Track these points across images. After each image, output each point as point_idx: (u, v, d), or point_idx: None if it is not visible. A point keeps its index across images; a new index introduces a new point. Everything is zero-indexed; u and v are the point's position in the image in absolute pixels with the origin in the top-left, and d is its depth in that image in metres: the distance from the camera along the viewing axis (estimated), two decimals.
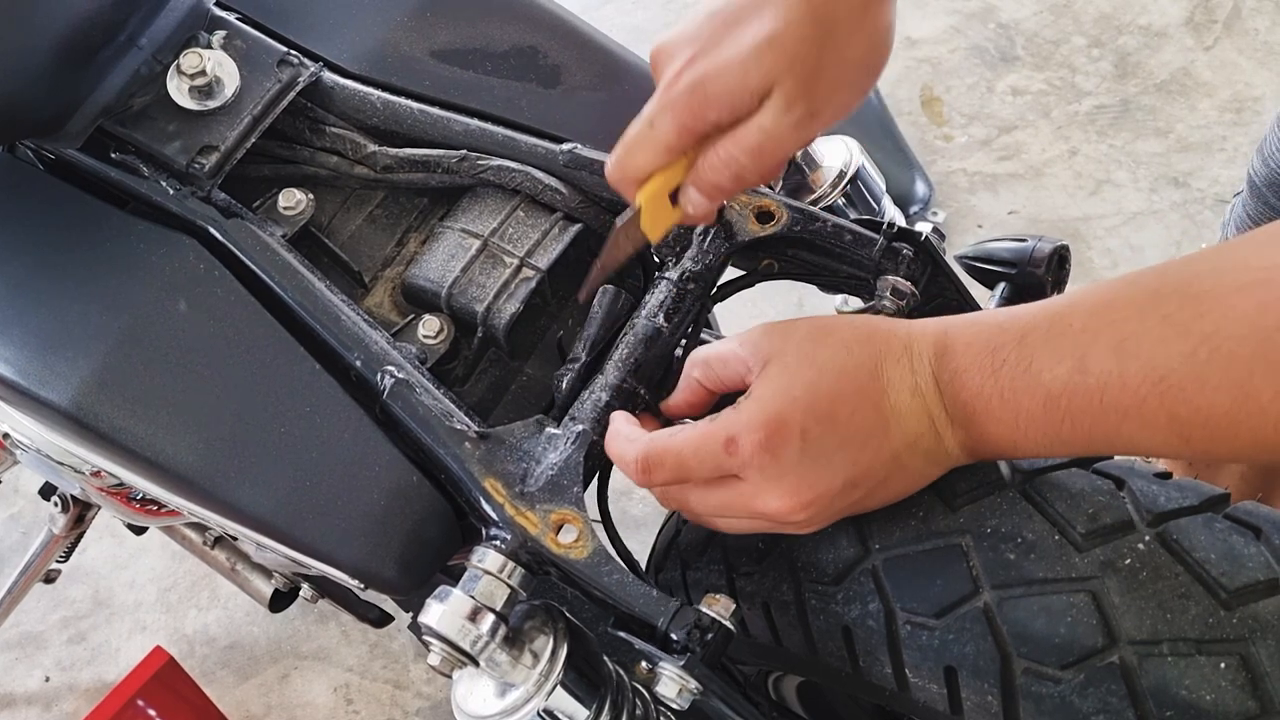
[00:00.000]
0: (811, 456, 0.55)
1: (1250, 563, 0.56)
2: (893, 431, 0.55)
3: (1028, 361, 0.52)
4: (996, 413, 0.53)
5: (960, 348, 0.54)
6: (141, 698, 1.24)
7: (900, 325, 0.57)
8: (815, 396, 0.55)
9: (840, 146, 0.84)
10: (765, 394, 0.56)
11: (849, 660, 0.63)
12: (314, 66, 0.76)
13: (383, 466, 0.65)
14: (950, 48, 2.05)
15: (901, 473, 0.57)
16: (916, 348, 0.55)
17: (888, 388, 0.55)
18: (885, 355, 0.56)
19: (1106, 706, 0.54)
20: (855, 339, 0.56)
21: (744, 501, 0.57)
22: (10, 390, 0.66)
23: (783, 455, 0.55)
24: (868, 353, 0.56)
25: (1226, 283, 0.47)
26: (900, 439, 0.55)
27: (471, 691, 0.59)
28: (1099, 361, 0.49)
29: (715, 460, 0.56)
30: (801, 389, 0.55)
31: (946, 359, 0.54)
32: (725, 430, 0.56)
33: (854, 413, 0.55)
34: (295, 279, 0.68)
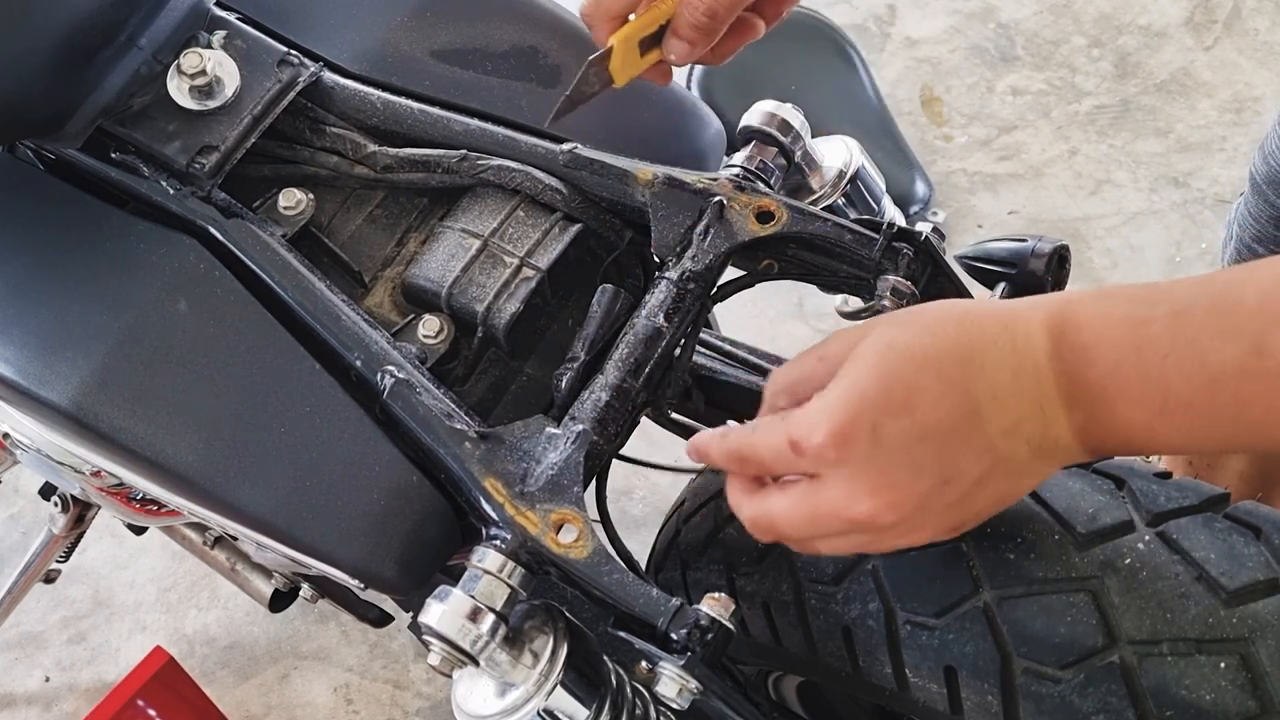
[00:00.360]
0: (888, 451, 0.50)
1: (1250, 562, 0.56)
2: (987, 418, 0.49)
3: (1188, 339, 0.46)
4: (1135, 393, 0.47)
5: (1087, 320, 0.48)
6: (141, 698, 1.24)
7: (999, 305, 0.52)
8: (889, 387, 0.50)
9: (840, 146, 0.84)
10: (835, 390, 0.51)
11: (849, 660, 0.63)
12: (314, 66, 0.76)
13: (383, 466, 0.65)
14: (950, 48, 2.05)
15: (1003, 467, 0.51)
16: (1021, 325, 0.50)
17: (982, 370, 0.49)
18: (977, 335, 0.50)
19: (1106, 706, 0.55)
20: (939, 321, 0.51)
21: (830, 509, 0.52)
22: (10, 390, 0.66)
23: (853, 452, 0.50)
24: (957, 334, 0.50)
25: None
26: (997, 426, 0.50)
27: (471, 691, 0.59)
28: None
29: (786, 460, 0.53)
30: (873, 381, 0.50)
31: (1068, 334, 0.49)
32: (790, 430, 0.52)
33: (936, 402, 0.49)
34: (295, 279, 0.68)
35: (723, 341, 0.90)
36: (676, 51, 0.64)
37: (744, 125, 0.78)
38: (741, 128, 0.78)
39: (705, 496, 0.75)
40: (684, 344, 0.71)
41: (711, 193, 0.71)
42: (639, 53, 0.66)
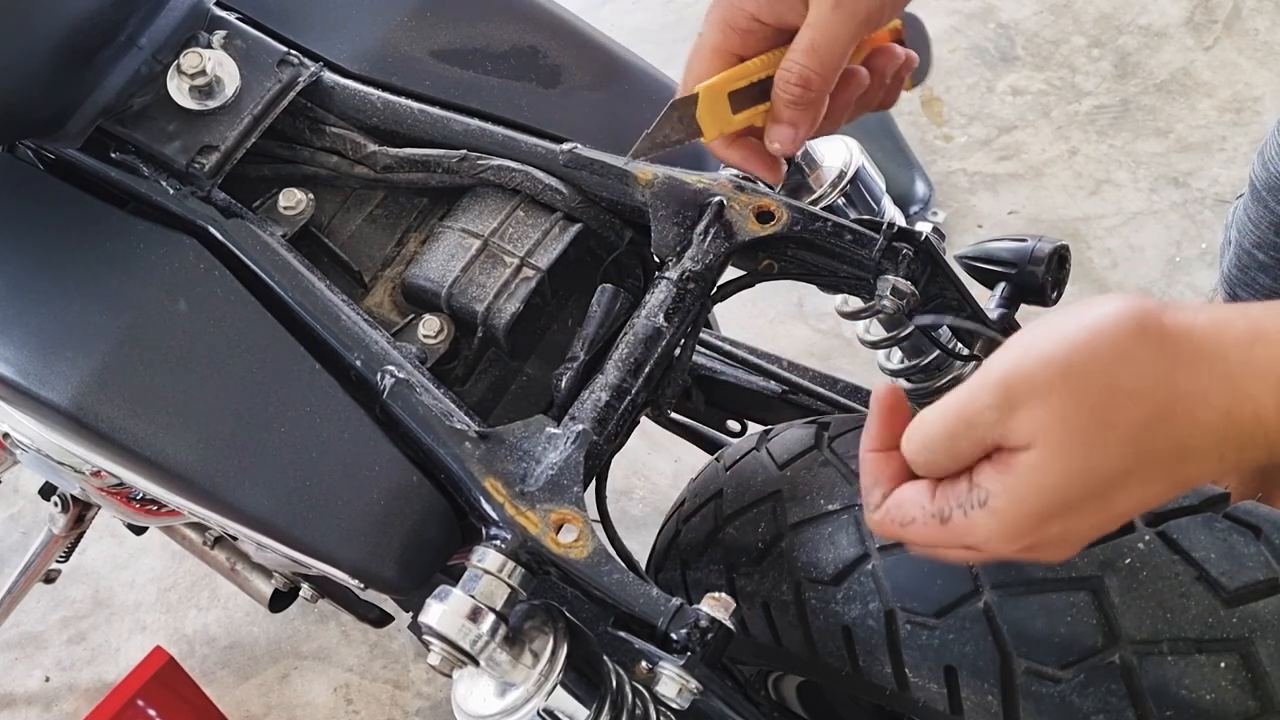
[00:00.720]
0: (1073, 539, 0.46)
1: (1250, 562, 0.56)
2: (1192, 474, 0.44)
3: None
4: None
5: None
6: (141, 698, 1.24)
7: (1216, 369, 0.42)
8: (1068, 494, 0.44)
9: (840, 146, 0.84)
10: (1010, 513, 0.45)
11: (849, 660, 0.63)
12: (314, 66, 0.76)
13: (383, 466, 0.65)
14: (950, 48, 2.05)
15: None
16: (1248, 407, 0.42)
17: (1195, 456, 0.43)
18: (1194, 431, 0.43)
19: (1106, 706, 0.55)
20: (1150, 422, 0.43)
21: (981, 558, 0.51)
22: (10, 390, 0.66)
23: (1034, 553, 0.47)
24: (1170, 442, 0.43)
25: None
26: (1203, 475, 0.44)
27: (471, 691, 0.59)
28: None
29: (962, 551, 0.49)
30: (1060, 506, 0.44)
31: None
32: (966, 537, 0.47)
33: (1130, 492, 0.44)
34: (295, 279, 0.68)
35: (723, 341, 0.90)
36: (780, 139, 0.60)
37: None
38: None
39: (705, 496, 0.75)
40: (684, 344, 0.70)
41: (711, 193, 0.71)
42: (729, 106, 0.62)
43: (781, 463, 0.71)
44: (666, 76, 0.79)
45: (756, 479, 0.72)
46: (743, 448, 0.77)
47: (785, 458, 0.71)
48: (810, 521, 0.66)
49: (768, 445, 0.74)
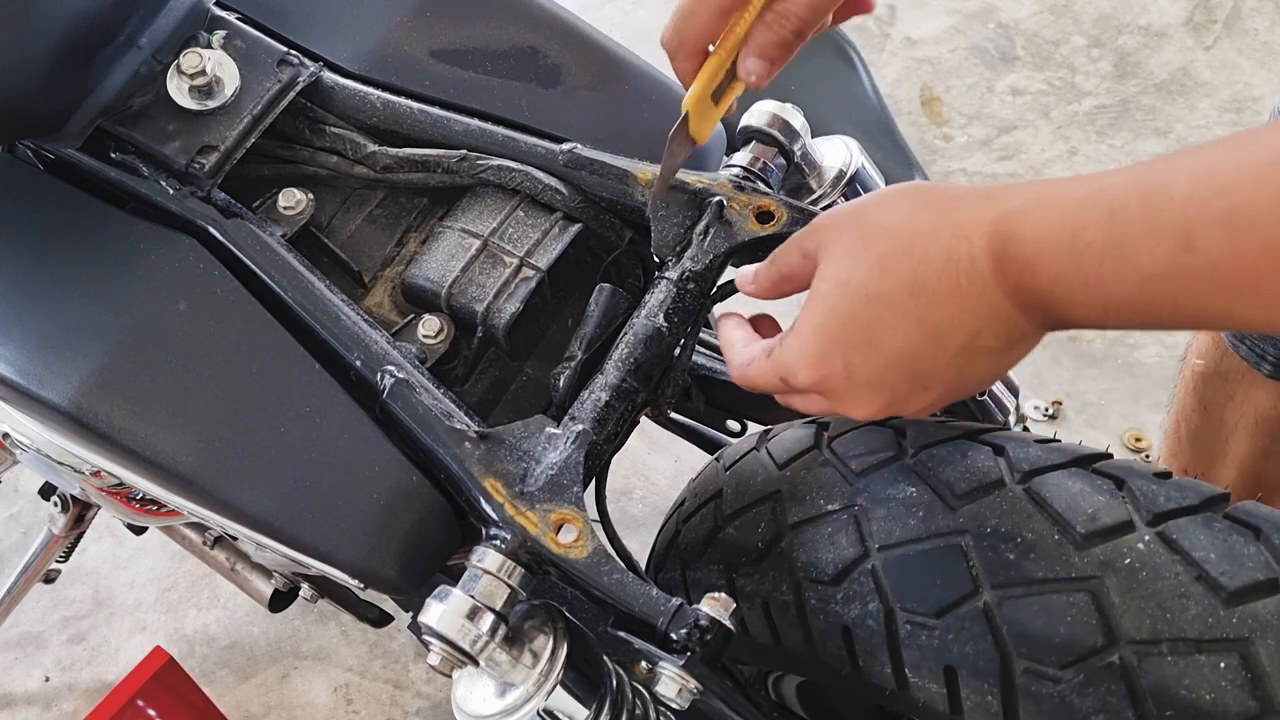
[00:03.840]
0: (864, 380, 0.55)
1: (1250, 562, 0.56)
2: (947, 337, 0.53)
3: (1119, 244, 0.46)
4: (1079, 298, 0.49)
5: (1028, 233, 0.49)
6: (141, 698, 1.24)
7: (947, 216, 0.52)
8: (850, 329, 0.54)
9: (840, 146, 0.84)
10: (805, 331, 0.56)
11: (849, 660, 0.63)
12: (314, 66, 0.76)
13: (383, 466, 0.65)
14: (950, 48, 2.05)
15: (978, 359, 0.54)
16: (964, 247, 0.51)
17: (932, 301, 0.52)
18: (925, 264, 0.52)
19: (1106, 706, 0.55)
20: (892, 253, 0.53)
21: (831, 411, 0.59)
22: (10, 390, 0.66)
23: (834, 385, 0.56)
24: (905, 267, 0.53)
25: None
26: (959, 339, 0.53)
27: (471, 691, 0.59)
28: (1208, 237, 0.43)
29: (782, 390, 0.60)
30: (836, 324, 0.55)
31: (1010, 248, 0.50)
32: (777, 370, 0.58)
33: (894, 334, 0.53)
34: (295, 279, 0.68)
35: None
36: (757, 72, 0.62)
37: (744, 125, 0.78)
38: (741, 128, 0.78)
39: (705, 496, 0.75)
40: (684, 344, 0.70)
41: (711, 192, 0.71)
42: (712, 104, 0.64)
43: (781, 463, 0.71)
44: (666, 76, 0.79)
45: (756, 479, 0.72)
46: (743, 448, 0.77)
47: (785, 458, 0.71)
48: (810, 521, 0.66)
49: (768, 445, 0.74)
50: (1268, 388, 1.05)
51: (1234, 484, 1.15)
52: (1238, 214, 0.43)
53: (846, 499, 0.65)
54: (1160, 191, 0.46)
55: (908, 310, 0.53)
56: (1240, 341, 1.03)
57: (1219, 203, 0.44)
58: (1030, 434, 0.69)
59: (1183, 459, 1.21)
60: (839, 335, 0.55)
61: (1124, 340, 1.71)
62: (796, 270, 0.60)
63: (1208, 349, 1.10)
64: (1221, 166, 0.44)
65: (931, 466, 0.64)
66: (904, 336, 0.53)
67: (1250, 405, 1.08)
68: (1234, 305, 0.45)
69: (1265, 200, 0.42)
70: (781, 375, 0.58)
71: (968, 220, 0.52)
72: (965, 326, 0.53)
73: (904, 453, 0.66)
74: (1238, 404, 1.09)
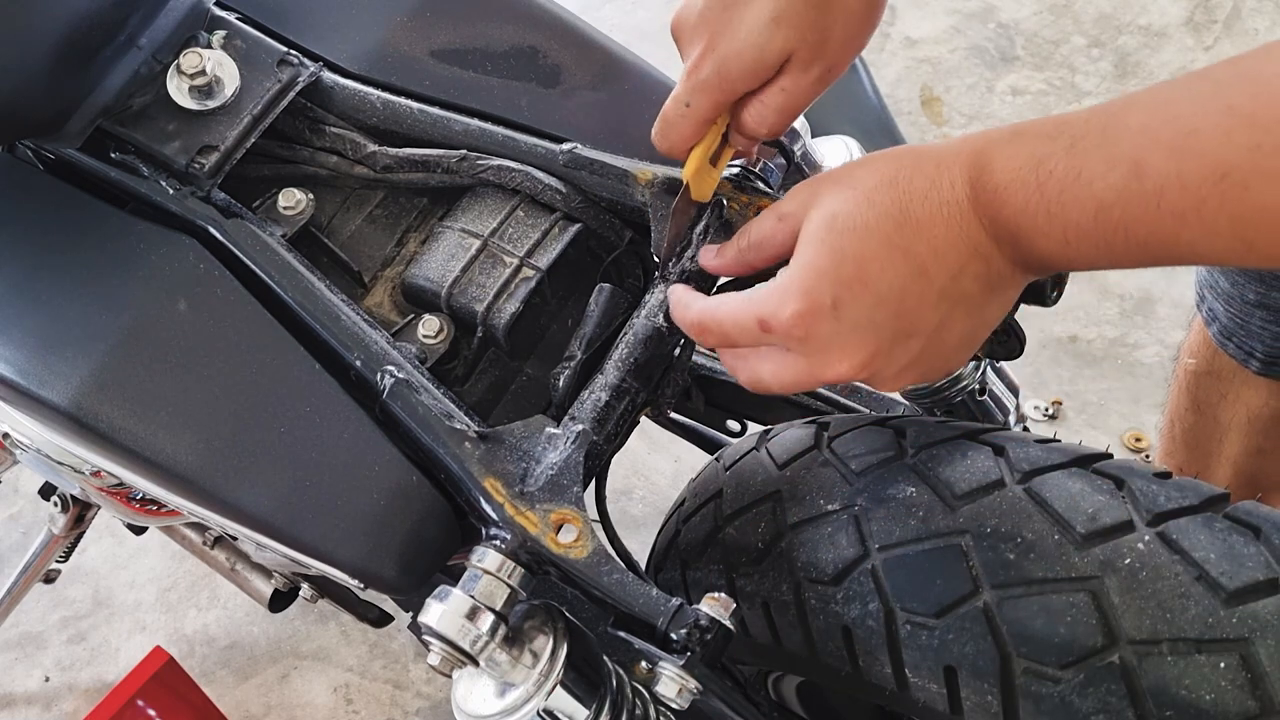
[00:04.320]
0: (850, 321, 0.54)
1: (1250, 562, 0.56)
2: (933, 271, 0.53)
3: (1077, 171, 0.48)
4: (1043, 229, 0.50)
5: (1000, 163, 0.51)
6: (141, 698, 1.24)
7: (928, 154, 0.54)
8: (840, 262, 0.54)
9: (840, 146, 0.84)
10: (793, 271, 0.55)
11: (849, 660, 0.63)
12: (314, 66, 0.76)
13: (383, 466, 0.65)
14: (950, 48, 2.05)
15: (959, 308, 0.55)
16: (945, 177, 0.53)
17: (918, 230, 0.53)
18: (909, 195, 0.53)
19: (1106, 706, 0.55)
20: (876, 186, 0.54)
21: (809, 374, 0.57)
22: (10, 390, 0.66)
23: (818, 330, 0.54)
24: (890, 198, 0.54)
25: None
26: (942, 275, 0.53)
27: (471, 691, 0.59)
28: (1157, 163, 0.46)
29: (754, 337, 0.57)
30: (826, 259, 0.54)
31: (985, 177, 0.52)
32: (758, 311, 0.56)
33: (884, 268, 0.53)
34: (295, 279, 0.68)
35: None
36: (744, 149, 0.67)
37: None
38: None
39: (705, 496, 0.75)
40: (683, 344, 0.70)
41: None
42: (710, 167, 0.67)
43: (781, 463, 0.71)
44: (666, 76, 0.79)
45: (756, 479, 0.72)
46: (743, 448, 0.77)
47: (785, 458, 0.71)
48: (810, 521, 0.66)
49: (768, 445, 0.74)
50: (1259, 385, 1.05)
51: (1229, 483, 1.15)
52: (1184, 142, 0.45)
53: (846, 499, 0.65)
54: (1117, 123, 0.48)
55: (894, 241, 0.53)
56: (1228, 339, 1.03)
57: (1168, 131, 0.46)
58: (1030, 434, 0.69)
59: (1178, 458, 1.21)
60: (828, 270, 0.54)
61: (1124, 340, 1.71)
62: (769, 235, 0.60)
63: (1199, 348, 1.10)
64: (1173, 98, 0.46)
65: (931, 466, 0.64)
66: (892, 271, 0.53)
67: (1242, 404, 1.08)
68: (1180, 231, 0.46)
69: (1209, 129, 0.44)
70: (761, 316, 0.56)
71: (949, 155, 0.54)
72: (948, 261, 0.53)
73: (904, 453, 0.66)
74: (1230, 403, 1.09)
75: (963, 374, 0.87)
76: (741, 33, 0.60)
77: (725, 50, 0.61)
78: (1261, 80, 0.44)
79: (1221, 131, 0.44)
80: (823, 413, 0.85)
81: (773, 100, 0.62)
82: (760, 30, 0.59)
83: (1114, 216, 0.48)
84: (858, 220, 0.54)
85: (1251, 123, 0.43)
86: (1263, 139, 0.43)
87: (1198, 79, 0.46)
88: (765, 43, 0.59)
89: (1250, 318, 0.99)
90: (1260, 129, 0.43)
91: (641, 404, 0.70)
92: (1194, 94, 0.46)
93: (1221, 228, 0.45)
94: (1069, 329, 1.72)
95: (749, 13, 0.60)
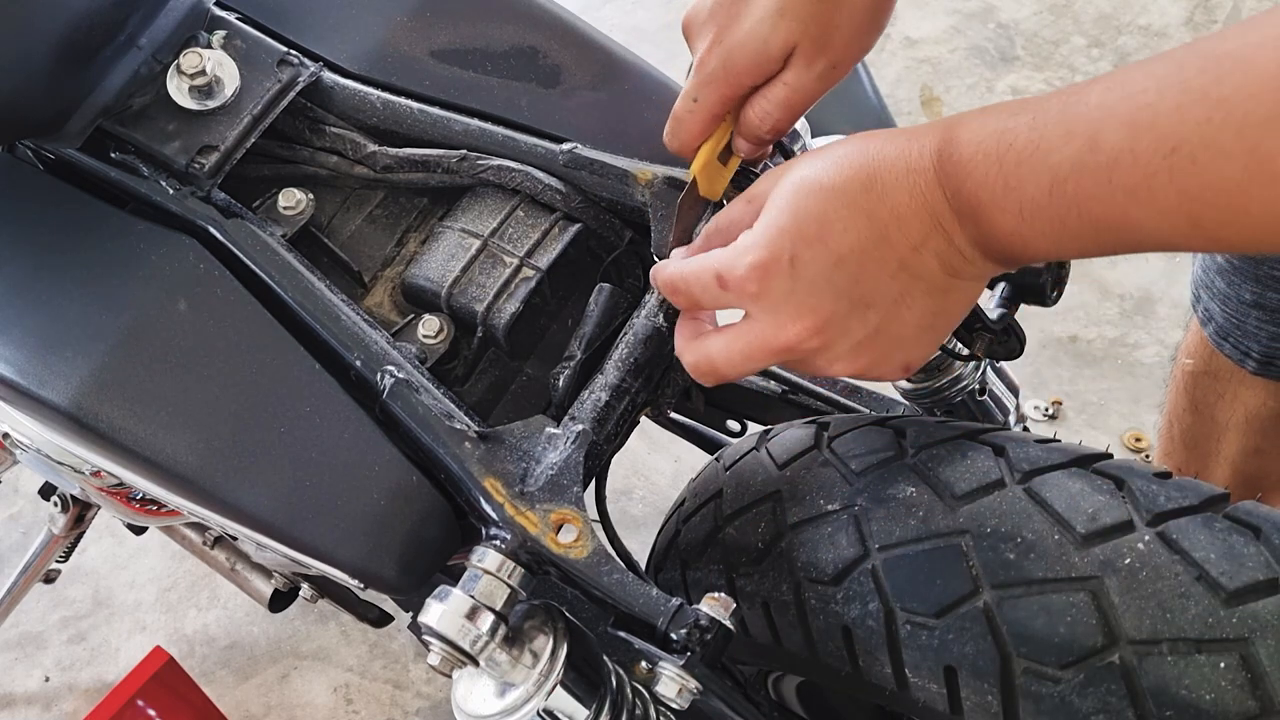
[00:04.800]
0: (807, 280, 0.54)
1: (1250, 562, 0.56)
2: (893, 238, 0.53)
3: (1036, 143, 0.49)
4: (1000, 201, 0.50)
5: (966, 137, 0.52)
6: (141, 698, 1.24)
7: (901, 131, 0.55)
8: (802, 220, 0.54)
9: None
10: (756, 228, 0.56)
11: (849, 660, 0.63)
12: (314, 66, 0.76)
13: (383, 466, 0.65)
14: (950, 48, 2.05)
15: (918, 285, 0.54)
16: (915, 148, 0.53)
17: (883, 195, 0.53)
18: (879, 161, 0.54)
19: (1106, 706, 0.55)
20: (848, 153, 0.55)
21: (760, 339, 0.56)
22: (10, 390, 0.66)
23: (774, 284, 0.54)
24: (859, 163, 0.54)
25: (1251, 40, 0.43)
26: (904, 244, 0.53)
27: (471, 691, 0.59)
28: (1111, 136, 0.46)
29: (714, 295, 0.57)
30: (788, 216, 0.54)
31: (951, 149, 0.52)
32: (716, 265, 0.56)
33: (846, 229, 0.53)
34: (295, 279, 0.68)
35: None
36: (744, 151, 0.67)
37: None
38: None
39: (705, 496, 0.75)
40: None
41: None
42: (720, 165, 0.67)
43: (781, 463, 0.71)
44: (666, 76, 0.79)
45: (756, 479, 0.72)
46: (743, 448, 0.77)
47: (785, 458, 0.71)
48: (810, 521, 0.66)
49: (768, 445, 0.74)
50: (1256, 385, 1.05)
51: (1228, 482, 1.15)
52: (1139, 115, 0.45)
53: (846, 499, 0.65)
54: (1078, 99, 0.48)
55: (859, 204, 0.53)
56: (1224, 339, 1.03)
57: (1125, 106, 0.46)
58: (1030, 434, 0.69)
59: (1176, 459, 1.22)
60: (789, 226, 0.54)
61: (1124, 340, 1.71)
62: (737, 219, 0.60)
63: (1197, 348, 1.10)
64: (1133, 75, 0.47)
65: (931, 466, 0.64)
66: (854, 232, 0.53)
67: (1240, 403, 1.08)
68: (1130, 208, 0.46)
69: (1164, 104, 0.45)
70: (720, 269, 0.56)
71: (922, 129, 0.54)
72: (910, 229, 0.53)
73: (904, 453, 0.66)
74: (1228, 402, 1.10)
75: (963, 374, 0.87)
76: (747, 25, 0.61)
77: (730, 42, 0.61)
78: (1216, 57, 0.44)
79: (1174, 106, 0.44)
80: (823, 413, 0.85)
81: (776, 95, 0.63)
82: (765, 21, 0.60)
83: (1068, 190, 0.48)
84: (824, 181, 0.54)
85: (1203, 98, 0.44)
86: (1213, 113, 0.43)
87: (1160, 59, 0.47)
88: (769, 33, 0.60)
89: (1246, 318, 0.99)
90: (1211, 104, 0.43)
91: (641, 404, 0.70)
92: (1153, 72, 0.46)
93: (1170, 204, 0.45)
94: (1069, 329, 1.72)
95: (755, 6, 0.60)
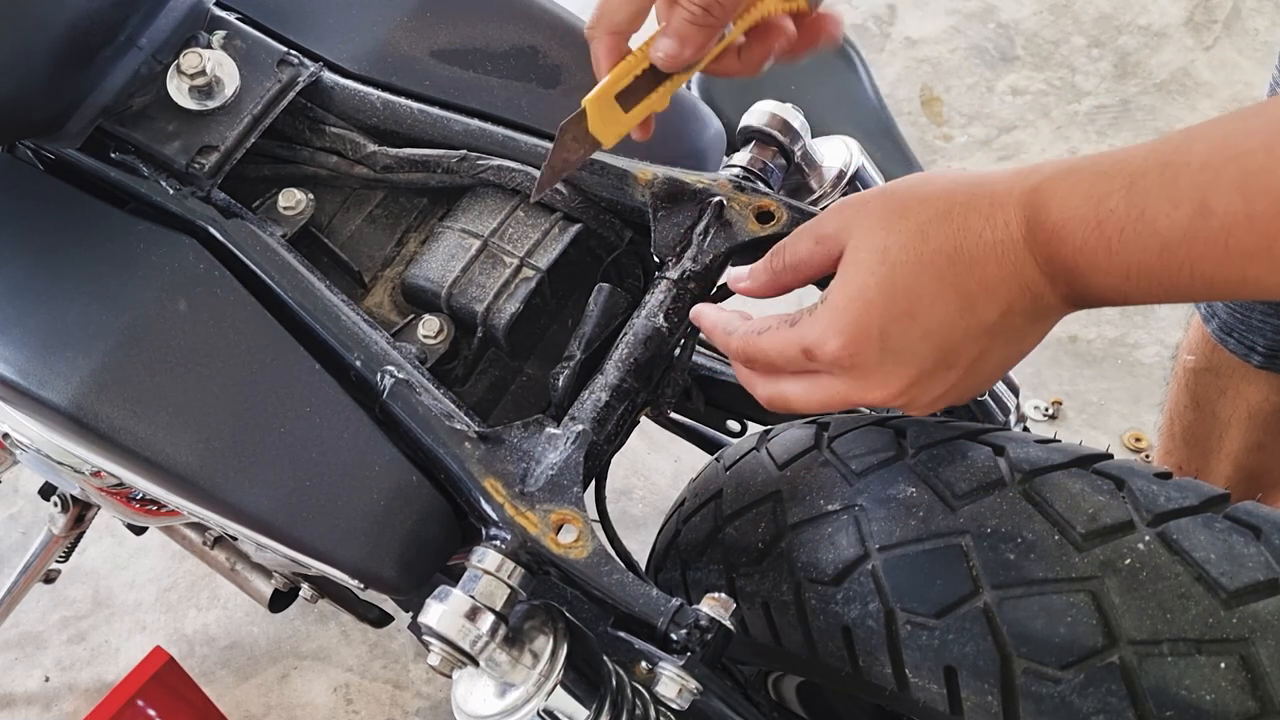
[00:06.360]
0: (895, 353, 0.54)
1: (1250, 563, 0.56)
2: (981, 308, 0.54)
3: (1139, 210, 0.48)
4: (1103, 266, 0.50)
5: (1057, 201, 0.51)
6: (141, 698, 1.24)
7: (982, 189, 0.54)
8: (891, 295, 0.54)
9: (840, 146, 0.84)
10: (840, 300, 0.55)
11: (849, 660, 0.63)
12: (314, 66, 0.76)
13: (383, 466, 0.65)
14: (950, 48, 2.05)
15: (1003, 338, 0.55)
16: (1000, 215, 0.53)
17: (971, 266, 0.53)
18: (964, 231, 0.53)
19: (1106, 706, 0.55)
20: (931, 219, 0.54)
21: (844, 398, 0.57)
22: (10, 390, 0.66)
23: (864, 358, 0.55)
24: (945, 233, 0.54)
25: None
26: (992, 311, 0.54)
27: (471, 691, 0.59)
28: (1223, 202, 0.46)
29: (799, 364, 0.57)
30: (876, 289, 0.54)
31: (1041, 216, 0.52)
32: (803, 339, 0.56)
33: (934, 302, 0.53)
34: (295, 279, 0.68)
35: None
36: (665, 49, 0.61)
37: (744, 125, 0.78)
38: (741, 128, 0.78)
39: (705, 496, 0.75)
40: (684, 344, 0.70)
41: (711, 193, 0.71)
42: (621, 109, 0.63)
43: (781, 463, 0.71)
44: None
45: (756, 479, 0.72)
46: (743, 448, 0.77)
47: (785, 458, 0.71)
48: (810, 521, 0.66)
49: (768, 445, 0.74)
50: (1258, 381, 1.05)
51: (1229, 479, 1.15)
52: (1251, 180, 0.45)
53: (846, 499, 0.65)
54: (1178, 160, 0.47)
55: (947, 277, 0.53)
56: (1228, 335, 1.03)
57: (1234, 169, 0.45)
58: (1030, 434, 0.69)
59: (1177, 456, 1.21)
60: (878, 301, 0.54)
61: (1124, 340, 1.71)
62: (805, 258, 0.59)
63: (1198, 345, 1.10)
64: (1236, 135, 0.46)
65: (931, 466, 0.64)
66: (942, 306, 0.53)
67: (1242, 399, 1.08)
68: (1248, 268, 0.46)
69: (1275, 165, 0.44)
70: (808, 345, 0.56)
71: (1003, 191, 0.53)
72: (998, 297, 0.53)
73: (904, 453, 0.66)
74: (1229, 398, 1.09)
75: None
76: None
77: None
78: None
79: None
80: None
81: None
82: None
83: (1179, 255, 0.47)
84: (911, 254, 0.54)
85: None
86: None
87: (1254, 114, 0.46)
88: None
89: (1251, 312, 0.99)
90: None
91: (641, 404, 0.70)
92: (1256, 131, 0.46)
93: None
94: (1069, 329, 1.72)
95: None
